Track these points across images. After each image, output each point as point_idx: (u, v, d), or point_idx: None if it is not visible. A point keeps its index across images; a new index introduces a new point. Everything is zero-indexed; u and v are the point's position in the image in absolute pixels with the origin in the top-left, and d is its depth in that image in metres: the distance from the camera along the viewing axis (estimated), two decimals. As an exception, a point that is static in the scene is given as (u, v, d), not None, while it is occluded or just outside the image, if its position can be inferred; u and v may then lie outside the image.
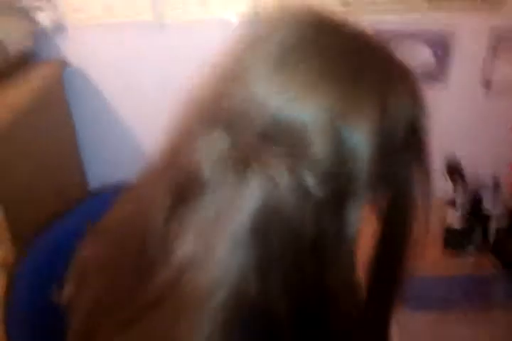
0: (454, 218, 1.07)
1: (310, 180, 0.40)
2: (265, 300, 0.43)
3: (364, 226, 0.45)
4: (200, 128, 0.44)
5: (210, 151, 0.42)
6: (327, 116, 0.40)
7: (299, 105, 0.40)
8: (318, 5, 0.47)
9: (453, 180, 1.10)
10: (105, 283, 0.50)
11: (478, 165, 1.17)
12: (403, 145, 0.44)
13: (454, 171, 1.13)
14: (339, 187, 0.41)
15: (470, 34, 1.25)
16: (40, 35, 1.26)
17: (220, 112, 0.43)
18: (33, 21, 1.28)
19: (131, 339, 0.45)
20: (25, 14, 1.28)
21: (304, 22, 0.45)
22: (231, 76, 0.44)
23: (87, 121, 1.39)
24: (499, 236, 1.07)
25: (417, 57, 1.29)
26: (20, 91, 1.11)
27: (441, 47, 1.27)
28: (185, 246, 0.43)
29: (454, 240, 1.06)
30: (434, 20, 1.24)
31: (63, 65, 1.28)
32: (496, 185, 1.08)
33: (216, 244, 0.42)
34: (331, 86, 0.41)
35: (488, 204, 1.07)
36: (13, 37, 1.18)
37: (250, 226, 0.41)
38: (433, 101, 1.36)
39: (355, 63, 0.42)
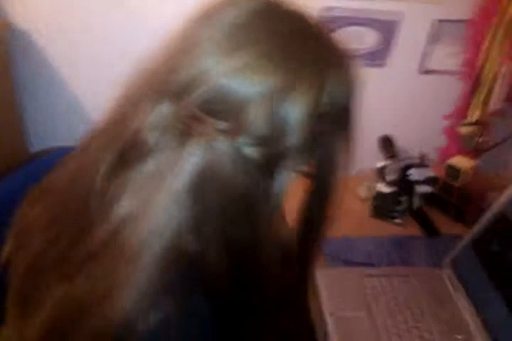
0: (383, 186, 1.14)
1: (246, 147, 0.44)
2: (202, 256, 0.46)
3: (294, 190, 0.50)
4: (148, 96, 0.46)
5: (156, 119, 0.45)
6: (267, 91, 0.43)
7: (242, 79, 0.43)
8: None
9: (385, 152, 1.18)
10: (48, 239, 0.51)
11: (409, 141, 1.25)
12: (333, 119, 0.48)
13: (386, 144, 1.20)
14: (272, 153, 0.45)
15: (413, 23, 1.34)
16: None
17: (168, 83, 0.45)
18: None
19: (73, 289, 0.46)
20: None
21: (254, 3, 0.47)
22: (182, 49, 0.46)
23: (30, 83, 1.34)
24: (421, 203, 1.16)
25: (364, 40, 1.37)
26: None
27: (387, 33, 1.36)
28: (125, 203, 0.45)
29: (381, 205, 1.14)
30: (382, 8, 1.32)
31: (8, 26, 1.24)
32: (422, 158, 1.18)
33: (154, 201, 0.44)
34: (273, 64, 0.44)
35: (414, 175, 1.16)
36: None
37: (188, 187, 0.44)
38: (374, 82, 1.44)
39: (299, 46, 0.46)
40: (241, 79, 0.43)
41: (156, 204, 0.44)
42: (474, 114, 1.20)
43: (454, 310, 0.88)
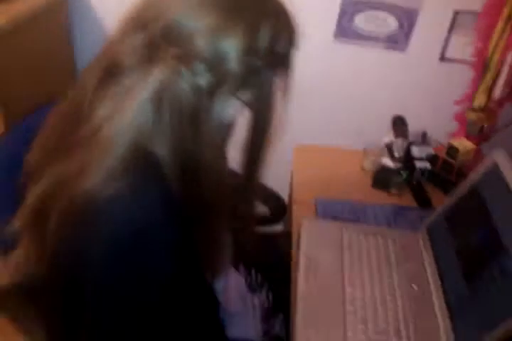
0: (388, 160, 1.26)
1: (194, 70, 0.61)
2: (157, 155, 0.63)
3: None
4: (128, 29, 0.65)
5: (130, 46, 0.63)
6: (210, 26, 0.61)
7: (191, 16, 0.61)
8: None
9: (396, 131, 1.29)
10: (50, 133, 0.70)
11: (422, 124, 1.35)
12: (270, 58, 0.64)
13: (398, 123, 1.31)
14: (214, 77, 0.62)
15: (432, 13, 1.43)
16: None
17: (140, 19, 0.64)
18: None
19: (59, 169, 0.64)
20: None
21: None
22: None
23: (87, 44, 1.55)
24: (421, 178, 1.27)
25: (385, 24, 1.47)
26: (24, 3, 1.31)
27: (407, 19, 1.46)
28: (103, 109, 0.64)
29: (383, 177, 1.26)
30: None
31: None
32: (424, 136, 1.29)
33: (125, 106, 0.63)
34: (218, 6, 0.61)
35: (415, 151, 1.27)
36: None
37: (150, 98, 0.61)
38: (394, 65, 1.60)
39: (242, 6, 0.62)
40: (190, 15, 0.61)
41: (125, 109, 0.61)
42: (480, 100, 1.29)
43: (418, 266, 1.00)
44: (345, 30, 1.53)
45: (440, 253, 1.00)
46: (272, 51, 0.64)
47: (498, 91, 1.25)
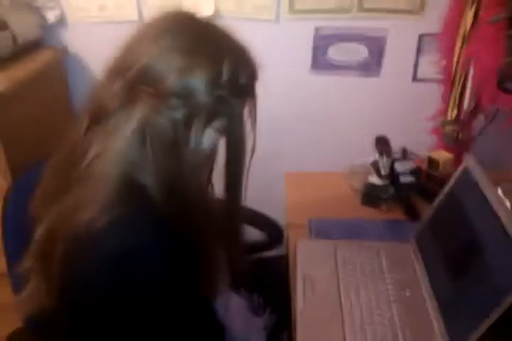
0: (375, 178, 1.33)
1: (169, 106, 0.70)
2: (144, 181, 0.72)
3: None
4: (109, 78, 0.74)
5: (112, 92, 0.72)
6: (179, 67, 0.70)
7: (161, 60, 0.70)
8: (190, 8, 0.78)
9: (378, 149, 1.37)
10: (50, 179, 0.78)
11: (403, 141, 1.42)
12: (235, 89, 0.74)
13: (381, 143, 1.39)
14: (189, 111, 0.71)
15: (398, 38, 1.54)
16: (48, 28, 1.55)
17: (121, 66, 0.73)
18: (43, 17, 1.57)
19: (61, 207, 0.72)
20: (38, 11, 1.57)
21: (176, 17, 0.76)
22: (130, 45, 0.75)
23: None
24: (407, 192, 1.33)
25: (356, 54, 1.58)
26: (25, 68, 1.42)
27: (376, 47, 1.56)
28: (94, 148, 0.72)
29: (371, 193, 1.32)
30: (371, 26, 1.53)
31: (64, 49, 1.60)
32: (404, 152, 1.38)
33: (113, 143, 0.71)
34: (184, 51, 0.71)
35: (398, 167, 1.34)
36: (22, 28, 1.47)
37: (135, 133, 0.70)
38: (370, 89, 1.72)
39: (201, 41, 0.73)
40: (160, 59, 0.70)
41: (113, 145, 0.70)
42: (452, 113, 1.37)
43: (410, 274, 1.05)
44: (320, 63, 1.64)
45: (429, 260, 1.05)
46: (235, 82, 0.73)
47: (466, 104, 1.34)
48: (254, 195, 0.90)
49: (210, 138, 0.75)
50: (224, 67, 0.71)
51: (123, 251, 0.67)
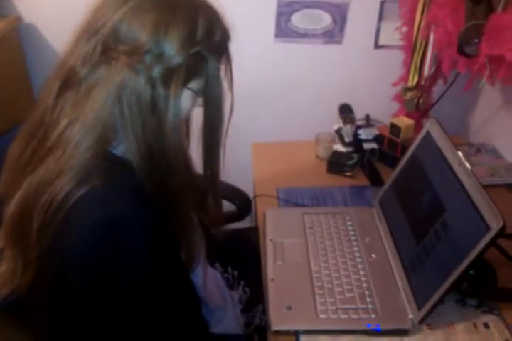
0: (340, 146, 1.35)
1: (145, 63, 0.67)
2: (122, 145, 0.69)
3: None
4: (79, 40, 0.71)
5: (85, 52, 0.69)
6: (153, 23, 0.67)
7: (136, 17, 0.67)
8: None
9: (342, 117, 1.38)
10: (21, 148, 0.74)
11: (366, 108, 1.44)
12: (209, 48, 0.71)
13: (345, 110, 1.40)
14: (163, 69, 0.68)
15: (361, 4, 1.54)
16: None
17: (92, 27, 0.70)
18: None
19: (35, 177, 0.69)
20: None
21: None
22: (100, 6, 0.71)
23: (42, 69, 1.60)
24: (370, 158, 1.36)
25: (320, 21, 1.56)
26: None
27: (340, 14, 1.55)
28: (68, 112, 0.69)
29: (336, 161, 1.34)
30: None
31: (18, 19, 1.51)
32: (367, 119, 1.41)
33: (88, 107, 0.68)
34: (157, 8, 0.69)
35: (362, 134, 1.36)
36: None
37: (111, 95, 0.67)
38: (333, 57, 1.71)
39: (177, 4, 0.70)
40: (134, 16, 0.67)
41: (89, 109, 0.67)
42: (413, 79, 1.38)
43: (376, 237, 1.08)
44: (284, 30, 1.62)
45: (393, 223, 1.08)
46: (210, 39, 0.71)
47: (427, 70, 1.35)
48: (221, 167, 0.90)
49: (187, 99, 0.73)
50: (199, 24, 0.69)
51: (102, 225, 0.65)
